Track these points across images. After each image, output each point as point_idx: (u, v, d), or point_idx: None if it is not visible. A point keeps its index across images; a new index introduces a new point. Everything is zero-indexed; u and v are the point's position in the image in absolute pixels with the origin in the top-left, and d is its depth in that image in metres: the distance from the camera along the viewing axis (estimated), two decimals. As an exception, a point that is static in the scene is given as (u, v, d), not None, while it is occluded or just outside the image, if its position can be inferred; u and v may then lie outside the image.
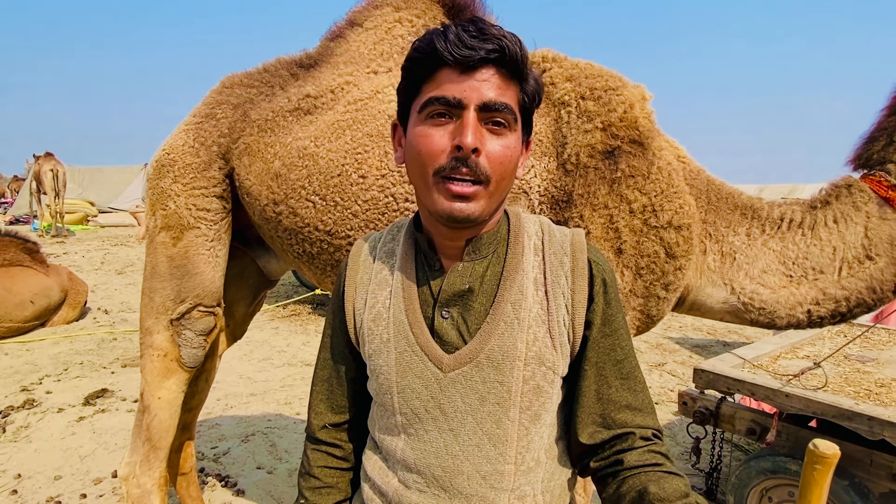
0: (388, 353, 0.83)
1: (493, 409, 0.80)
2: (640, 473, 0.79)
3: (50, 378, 4.16)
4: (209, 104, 1.72)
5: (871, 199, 1.45)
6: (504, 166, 0.76)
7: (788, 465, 2.34)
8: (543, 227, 0.89)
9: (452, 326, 0.82)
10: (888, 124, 1.47)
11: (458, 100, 0.74)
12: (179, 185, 1.66)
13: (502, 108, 0.75)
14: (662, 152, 1.47)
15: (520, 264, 0.83)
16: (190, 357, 1.76)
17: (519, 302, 0.81)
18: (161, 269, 1.69)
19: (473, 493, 0.80)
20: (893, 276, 1.42)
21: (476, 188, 0.75)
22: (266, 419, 3.61)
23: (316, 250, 1.53)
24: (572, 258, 0.84)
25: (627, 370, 0.85)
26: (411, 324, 0.83)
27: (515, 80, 0.78)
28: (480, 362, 0.80)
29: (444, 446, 0.81)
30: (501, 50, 0.73)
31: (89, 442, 3.19)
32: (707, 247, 1.53)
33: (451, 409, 0.81)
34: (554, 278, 0.83)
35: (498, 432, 0.80)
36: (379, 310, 0.86)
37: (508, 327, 0.80)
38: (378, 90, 1.53)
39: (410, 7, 1.62)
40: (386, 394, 0.84)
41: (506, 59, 0.74)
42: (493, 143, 0.76)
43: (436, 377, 0.81)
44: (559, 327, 0.82)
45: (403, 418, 0.83)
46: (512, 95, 0.77)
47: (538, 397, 0.81)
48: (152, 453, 1.80)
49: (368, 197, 1.45)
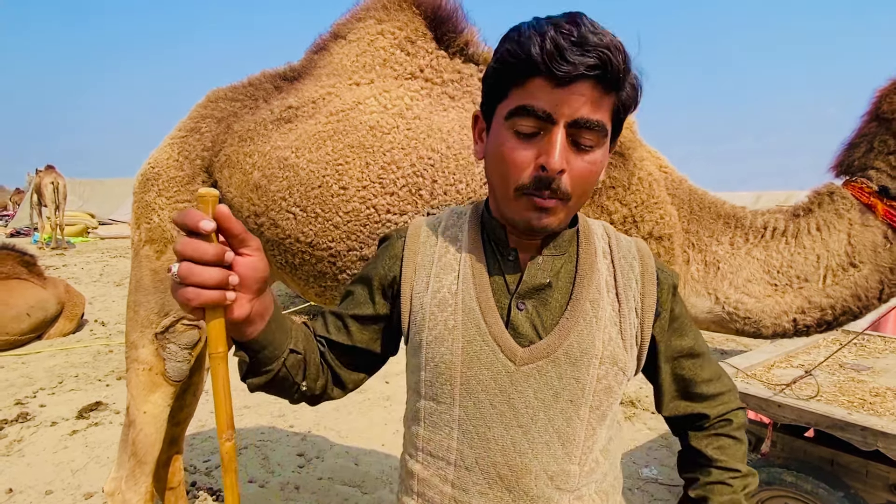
0: (454, 340, 0.79)
1: (565, 405, 0.78)
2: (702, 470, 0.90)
3: (44, 391, 4.15)
4: (194, 118, 1.73)
5: (853, 206, 1.45)
6: (587, 182, 0.75)
7: (783, 475, 2.31)
8: (609, 232, 0.89)
9: (527, 319, 0.80)
10: (868, 130, 1.47)
11: (548, 114, 0.70)
12: (164, 198, 1.67)
13: (594, 127, 0.71)
14: (644, 163, 1.48)
15: (595, 264, 0.83)
16: (175, 371, 1.75)
17: (597, 301, 0.81)
18: (145, 283, 1.69)
19: (539, 493, 0.78)
20: (878, 284, 1.42)
21: (557, 202, 0.74)
22: (259, 432, 3.59)
23: (298, 261, 1.53)
24: (641, 263, 0.85)
25: (698, 354, 0.90)
26: (484, 312, 0.79)
27: (613, 92, 0.72)
28: (558, 358, 0.78)
29: (512, 443, 0.78)
30: (603, 65, 0.68)
31: (81, 456, 3.17)
32: (690, 256, 1.53)
33: (521, 405, 0.78)
34: (626, 282, 0.83)
35: (568, 430, 0.79)
36: (444, 295, 0.82)
37: (588, 325, 0.79)
38: (359, 101, 1.54)
39: (392, 19, 1.64)
40: (445, 384, 0.80)
41: (606, 76, 0.69)
42: (578, 161, 0.73)
43: (507, 370, 0.78)
44: (630, 329, 0.82)
45: (463, 412, 0.79)
46: (606, 109, 0.73)
47: (608, 397, 0.80)
48: (138, 468, 1.79)
49: (350, 208, 1.45)
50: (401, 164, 1.45)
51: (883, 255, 1.41)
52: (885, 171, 1.43)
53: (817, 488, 2.24)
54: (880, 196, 1.43)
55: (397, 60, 1.60)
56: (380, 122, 1.49)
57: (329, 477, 3.01)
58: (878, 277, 1.41)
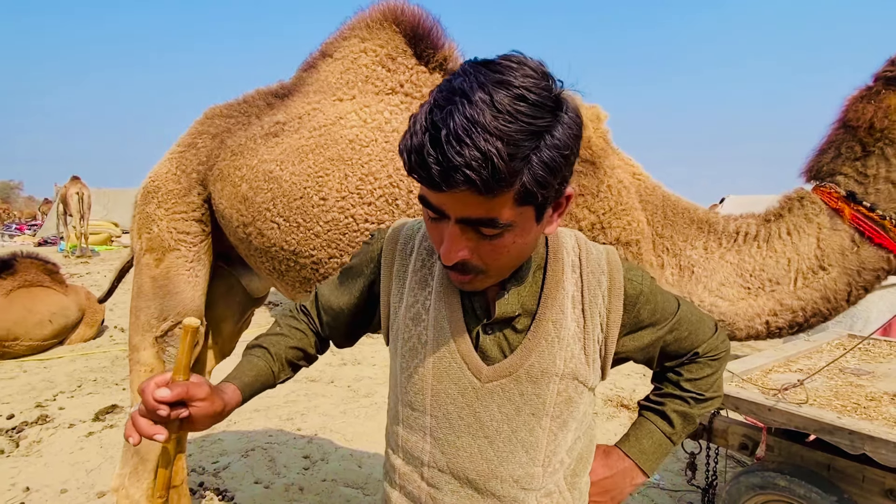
0: (427, 354, 0.85)
1: (527, 418, 0.83)
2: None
3: (64, 394, 4.32)
4: (191, 134, 1.84)
5: (822, 211, 1.48)
6: (502, 257, 0.74)
7: (777, 480, 2.31)
8: (580, 244, 0.89)
9: (495, 343, 0.84)
10: (836, 137, 1.50)
11: (440, 210, 0.69)
12: (162, 209, 1.77)
13: (486, 223, 0.68)
14: (615, 171, 1.52)
15: (560, 283, 0.84)
16: (174, 373, 1.84)
17: (560, 321, 0.83)
18: (145, 289, 1.79)
19: (506, 494, 0.84)
20: (846, 286, 1.44)
21: (472, 276, 0.75)
22: (267, 434, 3.69)
23: (284, 268, 1.61)
24: (609, 277, 0.86)
25: (677, 326, 0.93)
26: (453, 332, 0.84)
27: (504, 190, 0.65)
28: (519, 376, 0.82)
29: (479, 451, 0.83)
30: (472, 182, 0.62)
31: (96, 456, 3.30)
32: (665, 261, 1.57)
33: (487, 418, 0.83)
34: (592, 297, 0.85)
35: (531, 440, 0.83)
36: (419, 310, 0.86)
37: (549, 345, 0.82)
38: (341, 116, 1.62)
39: (374, 38, 1.72)
40: (418, 393, 0.86)
41: (481, 188, 0.63)
42: (483, 245, 0.72)
43: (473, 386, 0.83)
44: (593, 345, 0.85)
45: (434, 420, 0.85)
46: (502, 203, 0.67)
47: (568, 407, 0.84)
48: (141, 465, 1.88)
49: (329, 218, 1.53)
50: (378, 176, 1.52)
51: (850, 258, 1.44)
52: (853, 177, 1.46)
53: (810, 492, 2.23)
54: (847, 201, 1.45)
55: (378, 76, 1.68)
56: (359, 135, 1.57)
57: (333, 479, 3.09)
58: (846, 280, 1.43)
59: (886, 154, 1.42)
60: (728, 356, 1.01)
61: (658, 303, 0.91)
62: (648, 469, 0.95)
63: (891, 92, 1.44)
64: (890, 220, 1.41)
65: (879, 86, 1.47)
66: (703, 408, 0.97)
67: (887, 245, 1.40)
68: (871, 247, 1.42)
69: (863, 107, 1.46)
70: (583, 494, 0.91)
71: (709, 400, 0.97)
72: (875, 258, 1.42)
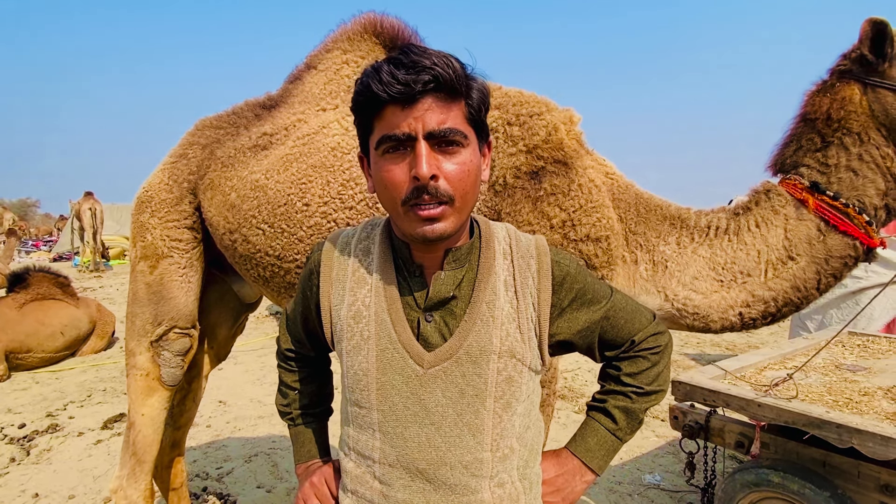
0: (369, 350, 0.87)
1: (471, 400, 0.85)
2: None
3: (74, 404, 4.42)
4: (183, 145, 1.92)
5: (788, 202, 1.51)
6: (464, 182, 0.81)
7: (771, 476, 2.31)
8: (510, 234, 0.95)
9: (436, 329, 0.87)
10: (798, 130, 1.54)
11: (406, 134, 0.78)
12: (156, 218, 1.85)
13: (448, 133, 0.79)
14: (587, 171, 1.56)
15: (492, 267, 0.89)
16: (169, 376, 1.91)
17: (493, 301, 0.87)
18: (140, 296, 1.86)
19: (457, 482, 0.85)
20: (815, 275, 1.47)
21: (442, 208, 0.80)
22: (271, 440, 3.74)
23: (269, 274, 1.67)
24: (538, 261, 0.92)
25: (611, 313, 0.97)
26: (394, 322, 0.86)
27: (458, 99, 0.81)
28: (460, 358, 0.85)
29: (427, 439, 0.85)
30: (436, 79, 0.76)
31: (103, 463, 3.38)
32: (638, 257, 1.60)
33: (432, 404, 0.85)
34: (522, 280, 0.90)
35: (476, 422, 0.85)
36: (359, 308, 0.89)
37: (485, 324, 0.86)
38: (324, 125, 1.69)
39: (356, 49, 1.79)
40: (364, 390, 0.87)
41: (442, 86, 0.77)
42: (448, 164, 0.80)
43: (416, 374, 0.85)
44: (528, 323, 0.88)
45: (381, 415, 0.86)
46: (457, 115, 0.81)
47: (510, 387, 0.87)
48: (138, 467, 1.94)
49: (312, 223, 1.59)
50: (359, 181, 1.58)
51: (817, 246, 1.46)
52: (815, 168, 1.49)
53: (804, 488, 2.23)
54: (811, 191, 1.48)
55: (360, 86, 1.75)
56: (340, 143, 1.63)
57: (332, 483, 3.13)
58: (815, 269, 1.46)
59: (845, 143, 1.46)
60: (669, 350, 1.03)
61: (588, 283, 0.96)
62: (596, 466, 0.98)
63: (844, 84, 1.47)
64: (853, 208, 1.43)
65: (834, 79, 1.51)
66: (646, 402, 0.99)
67: (852, 232, 1.43)
68: (837, 234, 1.45)
69: (819, 99, 1.50)
70: (533, 486, 0.93)
71: (651, 394, 0.99)
72: (841, 245, 1.45)
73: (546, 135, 1.55)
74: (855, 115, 1.46)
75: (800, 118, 1.54)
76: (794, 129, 1.55)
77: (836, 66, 1.53)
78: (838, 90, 1.49)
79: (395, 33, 1.76)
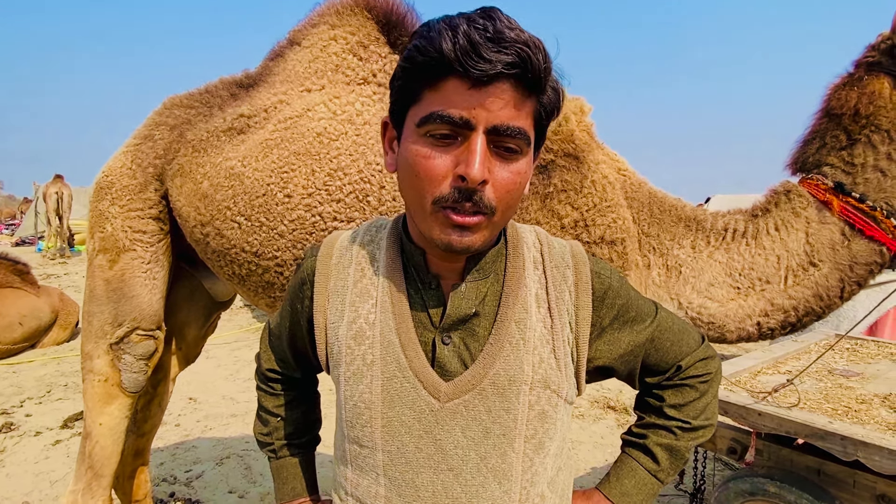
0: (373, 377, 0.72)
1: (497, 440, 0.71)
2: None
3: (32, 400, 4.16)
4: (148, 125, 1.72)
5: (809, 204, 1.41)
6: (512, 194, 0.67)
7: (766, 485, 2.25)
8: (541, 239, 0.81)
9: (455, 354, 0.72)
10: (821, 127, 1.44)
11: (465, 120, 0.63)
12: (117, 207, 1.65)
13: (516, 134, 0.64)
14: (599, 166, 1.44)
15: (521, 279, 0.75)
16: (131, 382, 1.72)
17: (523, 320, 0.73)
18: (98, 293, 1.67)
19: None
20: (838, 282, 1.37)
21: (479, 218, 0.66)
22: (244, 441, 3.57)
23: (245, 272, 1.50)
24: (575, 271, 0.78)
25: (657, 335, 0.84)
26: (404, 345, 0.72)
27: (534, 95, 0.66)
28: (485, 389, 0.71)
29: (443, 488, 0.71)
30: (523, 63, 0.61)
31: (62, 466, 3.16)
32: (651, 261, 1.49)
33: (450, 445, 0.71)
34: (558, 294, 0.76)
35: (503, 467, 0.71)
36: (361, 326, 0.74)
37: (514, 349, 0.72)
38: (309, 108, 1.52)
39: (345, 25, 1.61)
40: (365, 426, 0.73)
41: (525, 74, 0.62)
42: (501, 170, 0.65)
43: (431, 408, 0.71)
44: (564, 347, 0.75)
45: (387, 457, 0.72)
46: (528, 114, 0.66)
47: (542, 423, 0.73)
48: (94, 481, 1.76)
49: (294, 216, 1.42)
50: (348, 171, 1.42)
51: (841, 252, 1.37)
52: (839, 167, 1.39)
53: (801, 499, 2.18)
54: (836, 192, 1.38)
55: (349, 66, 1.58)
56: (327, 128, 1.46)
57: (309, 487, 2.98)
58: (839, 276, 1.37)
59: (873, 141, 1.36)
60: (719, 378, 0.90)
61: (631, 299, 0.82)
62: None
63: (873, 77, 1.37)
64: (881, 211, 1.34)
65: (861, 71, 1.41)
66: (692, 438, 0.87)
67: (879, 237, 1.34)
68: (863, 239, 1.35)
69: (846, 94, 1.39)
70: None
71: (698, 429, 0.86)
72: (867, 251, 1.35)
73: (555, 125, 1.41)
74: (885, 110, 1.36)
75: (823, 113, 1.44)
76: (816, 124, 1.45)
77: (863, 58, 1.43)
78: (866, 84, 1.39)
79: (390, 8, 1.59)
